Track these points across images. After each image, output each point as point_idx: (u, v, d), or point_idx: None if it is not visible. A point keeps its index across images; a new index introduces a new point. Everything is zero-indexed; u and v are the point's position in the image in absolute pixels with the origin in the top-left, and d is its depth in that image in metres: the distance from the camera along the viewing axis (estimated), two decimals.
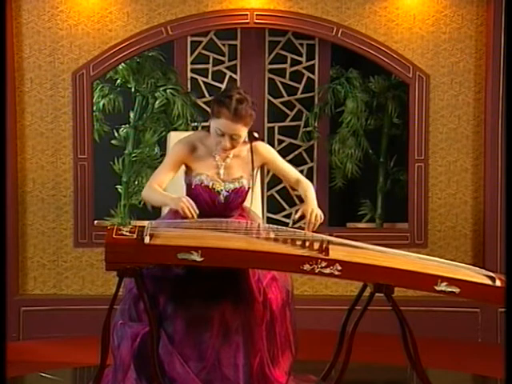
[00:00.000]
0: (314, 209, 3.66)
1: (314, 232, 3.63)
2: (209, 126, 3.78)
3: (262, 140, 3.95)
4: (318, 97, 6.46)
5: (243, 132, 3.72)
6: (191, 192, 3.80)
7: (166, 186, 3.78)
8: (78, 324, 5.46)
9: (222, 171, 3.80)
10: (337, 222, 6.40)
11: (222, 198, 3.79)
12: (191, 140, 3.83)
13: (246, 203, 3.92)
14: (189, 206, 3.57)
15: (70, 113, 5.62)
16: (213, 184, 3.78)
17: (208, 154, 3.80)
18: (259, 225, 3.70)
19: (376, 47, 5.65)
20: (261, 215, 4.38)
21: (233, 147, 3.74)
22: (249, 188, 3.84)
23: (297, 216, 3.75)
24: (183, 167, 3.84)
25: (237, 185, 3.81)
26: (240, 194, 3.83)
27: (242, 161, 3.83)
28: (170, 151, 3.91)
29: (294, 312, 3.82)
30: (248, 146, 3.84)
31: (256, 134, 3.89)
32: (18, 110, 5.59)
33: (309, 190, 3.78)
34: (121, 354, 3.64)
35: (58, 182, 5.66)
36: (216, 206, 3.80)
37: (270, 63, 6.45)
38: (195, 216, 3.57)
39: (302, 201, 3.86)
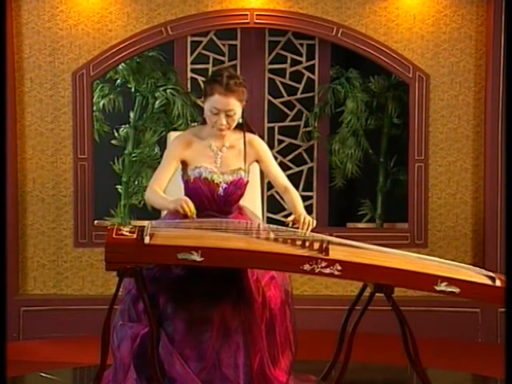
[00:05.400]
0: (305, 216, 3.68)
1: (313, 232, 3.64)
2: (203, 121, 3.79)
3: (262, 138, 3.96)
4: (318, 97, 6.45)
5: (237, 107, 3.73)
6: (190, 187, 3.80)
7: (166, 185, 3.79)
8: (78, 324, 5.46)
9: (218, 160, 3.81)
10: (337, 222, 6.40)
11: (221, 190, 3.80)
12: (185, 135, 3.86)
13: (241, 200, 3.92)
14: (188, 202, 3.58)
15: (69, 113, 5.62)
16: (211, 176, 3.79)
17: (204, 146, 3.81)
18: (259, 225, 3.70)
19: (376, 47, 5.65)
20: (261, 215, 4.38)
21: (229, 126, 3.75)
22: (247, 181, 3.85)
23: (289, 219, 3.74)
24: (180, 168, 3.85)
25: (235, 176, 3.82)
26: (239, 187, 3.83)
27: (238, 152, 3.84)
28: (167, 150, 3.91)
29: (294, 312, 3.82)
30: (242, 137, 3.84)
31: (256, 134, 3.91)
32: (18, 110, 5.59)
33: (296, 198, 3.82)
34: (121, 355, 3.64)
35: (58, 181, 5.66)
36: (215, 199, 3.80)
37: (270, 63, 6.44)
38: (193, 212, 3.58)
39: None
